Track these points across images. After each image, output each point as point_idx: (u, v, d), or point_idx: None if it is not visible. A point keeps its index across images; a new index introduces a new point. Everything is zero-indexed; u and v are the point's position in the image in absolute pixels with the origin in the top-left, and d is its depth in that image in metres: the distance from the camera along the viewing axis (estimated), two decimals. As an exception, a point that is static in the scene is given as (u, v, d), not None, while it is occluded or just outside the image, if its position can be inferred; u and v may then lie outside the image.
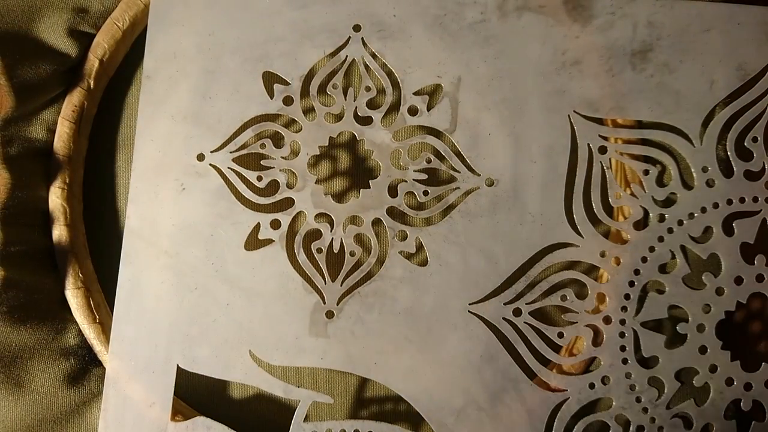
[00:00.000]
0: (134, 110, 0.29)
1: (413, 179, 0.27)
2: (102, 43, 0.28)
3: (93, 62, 0.28)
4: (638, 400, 0.28)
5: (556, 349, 0.28)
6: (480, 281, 0.27)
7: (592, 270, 0.28)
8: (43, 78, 0.27)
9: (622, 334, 0.28)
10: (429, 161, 0.28)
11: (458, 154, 0.27)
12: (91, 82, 0.28)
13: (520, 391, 0.27)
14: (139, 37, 0.29)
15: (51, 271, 0.28)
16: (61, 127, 0.28)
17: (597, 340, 0.28)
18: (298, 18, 0.27)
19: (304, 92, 0.27)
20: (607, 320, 0.28)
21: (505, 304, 0.27)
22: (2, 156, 0.27)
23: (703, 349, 0.28)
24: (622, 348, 0.28)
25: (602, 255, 0.27)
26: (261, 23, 0.27)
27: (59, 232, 0.28)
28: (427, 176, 0.27)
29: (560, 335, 0.27)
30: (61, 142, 0.28)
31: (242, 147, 0.27)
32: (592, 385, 0.28)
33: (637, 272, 0.28)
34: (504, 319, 0.27)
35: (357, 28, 0.27)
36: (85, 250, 0.29)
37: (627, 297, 0.28)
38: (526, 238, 0.27)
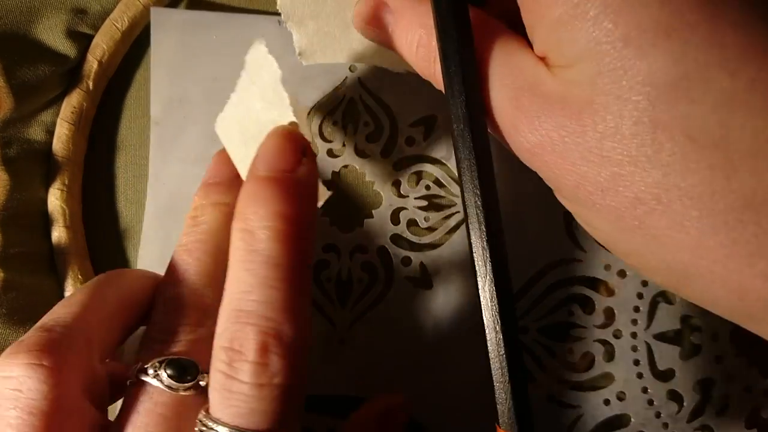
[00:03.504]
0: (134, 111, 0.30)
1: (414, 206, 0.28)
2: (101, 44, 0.28)
3: (92, 63, 0.29)
4: (658, 415, 0.27)
5: (566, 365, 0.28)
6: (485, 301, 0.28)
7: (598, 284, 0.28)
8: (42, 79, 0.27)
9: (634, 348, 0.27)
10: (428, 188, 0.29)
11: (456, 180, 0.28)
12: (90, 84, 0.29)
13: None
14: (138, 38, 0.30)
15: (50, 273, 0.29)
16: (60, 128, 0.29)
17: (609, 355, 0.28)
18: (298, 62, 0.29)
19: (306, 131, 0.29)
20: (617, 334, 0.28)
21: (511, 322, 0.28)
22: (1, 158, 0.27)
23: (718, 358, 0.27)
24: (636, 362, 0.27)
25: (606, 268, 0.28)
26: (262, 69, 0.29)
27: (58, 234, 0.29)
28: (427, 203, 0.28)
29: (569, 351, 0.27)
30: (60, 143, 0.29)
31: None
32: (607, 402, 0.27)
33: (644, 283, 0.28)
34: (512, 337, 0.28)
35: (353, 68, 0.29)
36: (84, 252, 0.29)
37: (636, 309, 0.28)
38: (529, 255, 0.28)
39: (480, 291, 0.19)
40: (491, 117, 0.19)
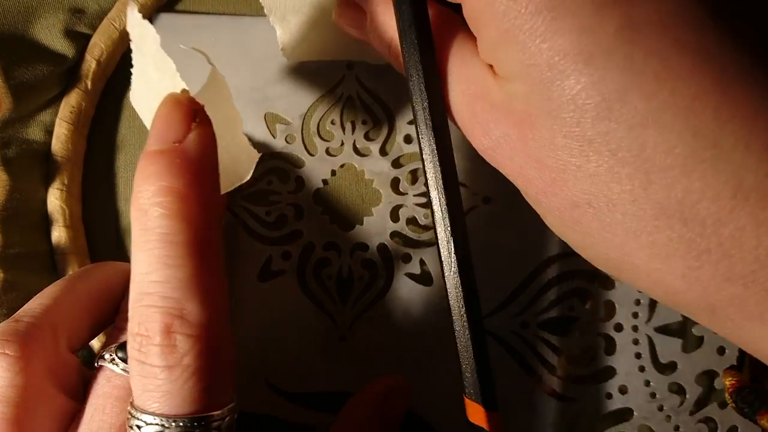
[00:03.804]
0: (133, 111, 0.29)
1: (413, 203, 0.28)
2: (99, 44, 0.28)
3: (90, 63, 0.28)
4: (660, 408, 0.27)
5: (567, 359, 0.28)
6: (485, 296, 0.28)
7: (598, 277, 0.28)
8: (40, 79, 0.27)
9: (635, 341, 0.27)
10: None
11: (454, 175, 0.28)
12: (89, 83, 0.29)
13: (533, 404, 0.27)
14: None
15: (51, 273, 0.29)
16: (58, 128, 0.29)
17: (610, 349, 0.28)
18: (295, 62, 0.29)
19: (305, 130, 0.29)
20: (618, 327, 0.28)
21: (512, 317, 0.28)
22: (0, 158, 0.27)
23: (721, 350, 0.27)
24: (638, 355, 0.27)
25: (606, 262, 0.28)
26: (260, 68, 0.29)
27: (58, 234, 0.29)
28: (426, 200, 0.29)
29: (570, 345, 0.27)
30: (59, 143, 0.29)
31: (251, 185, 0.29)
32: (609, 395, 0.27)
33: (644, 277, 0.28)
34: (513, 332, 0.28)
35: (350, 66, 0.29)
36: (84, 252, 0.29)
37: (637, 302, 0.28)
38: (528, 250, 0.28)
39: (446, 280, 0.20)
40: (453, 120, 0.20)
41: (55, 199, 0.29)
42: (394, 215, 0.29)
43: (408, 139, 0.29)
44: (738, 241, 0.15)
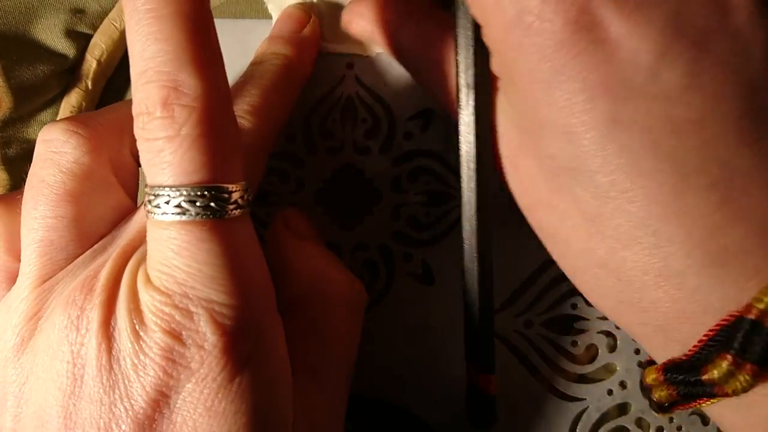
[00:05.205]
0: None
1: (414, 202, 0.29)
2: (99, 44, 0.28)
3: (90, 63, 0.29)
4: (659, 403, 0.27)
5: (571, 358, 0.28)
6: (488, 295, 0.28)
7: (598, 276, 0.28)
8: (41, 79, 0.28)
9: (636, 338, 0.28)
10: (428, 183, 0.29)
11: (455, 173, 0.28)
12: (89, 83, 0.29)
13: (537, 403, 0.27)
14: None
15: None
16: None
17: (611, 347, 0.28)
18: (294, 61, 0.29)
19: (305, 129, 0.29)
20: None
21: (514, 316, 0.28)
22: (1, 158, 0.27)
23: (719, 347, 0.27)
24: (637, 351, 0.28)
25: (606, 260, 0.28)
26: (259, 68, 0.29)
27: None
28: (427, 198, 0.29)
29: (574, 344, 0.28)
30: None
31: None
32: (610, 392, 0.28)
33: (644, 275, 0.28)
34: (515, 331, 0.28)
35: (350, 65, 0.29)
36: None
37: (637, 300, 0.28)
38: (529, 249, 0.28)
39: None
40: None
41: (55, 200, 0.28)
42: (395, 214, 0.29)
43: (408, 137, 0.29)
44: (654, 305, 0.19)
